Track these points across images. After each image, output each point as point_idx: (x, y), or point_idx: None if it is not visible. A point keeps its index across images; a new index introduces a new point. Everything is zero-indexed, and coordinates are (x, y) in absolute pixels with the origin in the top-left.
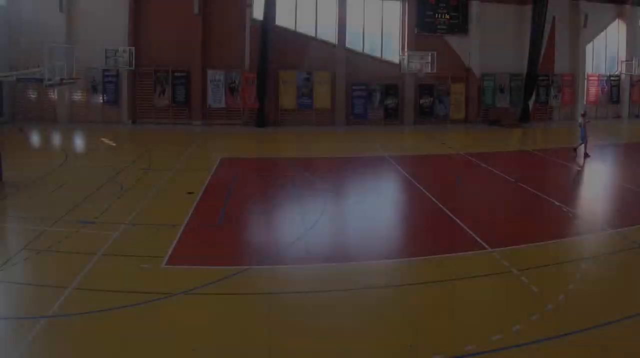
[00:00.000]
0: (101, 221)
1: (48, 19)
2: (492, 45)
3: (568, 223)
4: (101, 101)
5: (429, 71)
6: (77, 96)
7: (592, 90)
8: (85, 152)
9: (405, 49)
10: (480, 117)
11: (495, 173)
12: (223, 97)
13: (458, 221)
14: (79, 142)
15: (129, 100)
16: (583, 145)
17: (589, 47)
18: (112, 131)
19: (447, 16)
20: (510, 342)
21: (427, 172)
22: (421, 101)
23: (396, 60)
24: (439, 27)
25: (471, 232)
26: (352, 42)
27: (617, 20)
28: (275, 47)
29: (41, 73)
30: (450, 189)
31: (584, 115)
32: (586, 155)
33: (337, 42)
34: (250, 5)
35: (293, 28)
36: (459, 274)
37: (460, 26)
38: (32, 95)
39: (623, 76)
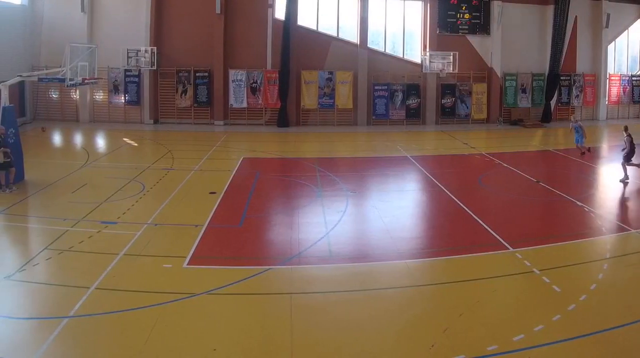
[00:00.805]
0: (123, 221)
1: (70, 19)
2: (513, 45)
3: (590, 223)
4: (123, 101)
5: (451, 71)
6: (99, 96)
7: (613, 90)
8: (107, 152)
9: (427, 49)
10: (502, 117)
11: (517, 173)
12: (245, 97)
13: (480, 221)
14: (100, 142)
15: (150, 100)
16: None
17: (610, 47)
18: (133, 131)
19: (469, 16)
20: (533, 342)
21: (448, 172)
22: (443, 101)
23: (418, 60)
24: (460, 27)
25: (493, 232)
26: (374, 41)
27: (639, 20)
28: (297, 47)
29: (63, 73)
30: (472, 189)
31: (575, 121)
32: (583, 154)
33: (358, 42)
34: (272, 5)
35: (315, 28)
36: (480, 274)
37: (482, 26)
38: (54, 95)
39: None
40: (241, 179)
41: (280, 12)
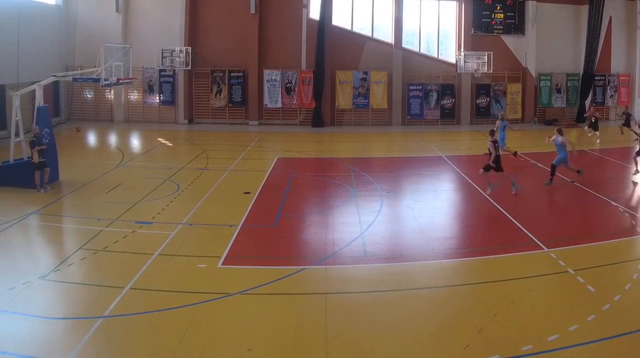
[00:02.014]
0: (158, 221)
1: (104, 19)
2: (548, 45)
3: (625, 223)
4: (157, 101)
5: (485, 71)
6: (134, 96)
7: None
8: (141, 152)
9: (462, 49)
10: (536, 117)
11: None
12: (279, 97)
13: (514, 221)
14: (135, 142)
15: (185, 100)
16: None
17: None
18: (168, 131)
19: (503, 16)
20: (567, 342)
21: (483, 172)
22: (477, 101)
23: (452, 60)
24: (495, 27)
25: (527, 232)
26: (409, 41)
27: None
28: (332, 47)
29: (98, 73)
30: (507, 189)
31: (502, 119)
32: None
33: (393, 42)
34: (307, 5)
35: (349, 28)
36: (515, 274)
37: (517, 26)
38: (88, 95)
39: None
40: (276, 178)
41: (315, 12)
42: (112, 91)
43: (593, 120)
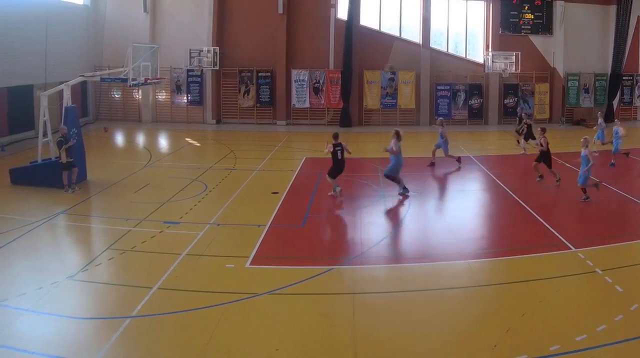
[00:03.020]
0: (185, 221)
1: (132, 20)
2: (576, 45)
3: None
4: (185, 101)
5: (513, 71)
6: (161, 96)
7: None
8: (169, 152)
9: (490, 49)
10: (564, 117)
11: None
12: (307, 97)
13: (542, 221)
14: (163, 142)
15: (213, 100)
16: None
17: None
18: (196, 131)
19: (531, 16)
20: (595, 342)
21: (511, 172)
22: (505, 101)
23: (480, 60)
24: (523, 27)
25: (555, 232)
26: (436, 41)
27: None
28: (359, 47)
29: (125, 73)
30: (535, 189)
31: (442, 123)
32: (432, 164)
33: (421, 42)
34: (335, 5)
35: (377, 28)
36: (543, 274)
37: (545, 26)
38: (116, 95)
39: None
40: (303, 179)
41: (342, 12)
42: (140, 91)
43: (525, 129)
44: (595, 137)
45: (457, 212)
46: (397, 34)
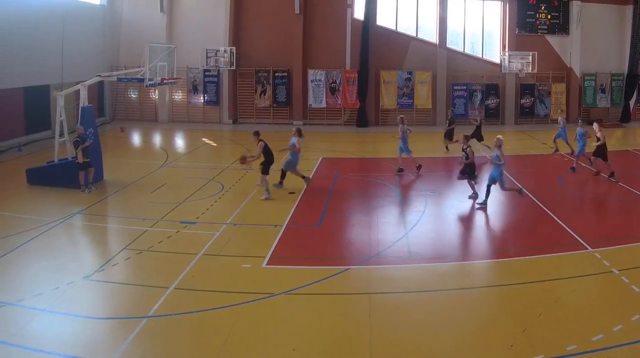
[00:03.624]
0: (202, 221)
1: (149, 19)
2: (592, 45)
3: None
4: (202, 101)
5: (530, 71)
6: (178, 96)
7: None
8: (186, 152)
9: (506, 49)
10: (581, 117)
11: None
12: (324, 97)
13: (559, 221)
14: (179, 142)
15: (229, 100)
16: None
17: None
18: (212, 131)
19: (548, 16)
20: (612, 342)
21: (527, 172)
22: (522, 101)
23: (497, 60)
24: (539, 27)
25: (572, 232)
26: (453, 41)
27: None
28: (376, 47)
29: (142, 73)
30: (551, 189)
31: (402, 122)
32: (400, 170)
33: (437, 42)
34: (351, 5)
35: (394, 28)
36: (559, 274)
37: (561, 26)
38: (132, 95)
39: None
40: (320, 178)
41: (359, 12)
42: (157, 91)
43: (449, 129)
44: (555, 135)
45: (473, 212)
46: (414, 34)
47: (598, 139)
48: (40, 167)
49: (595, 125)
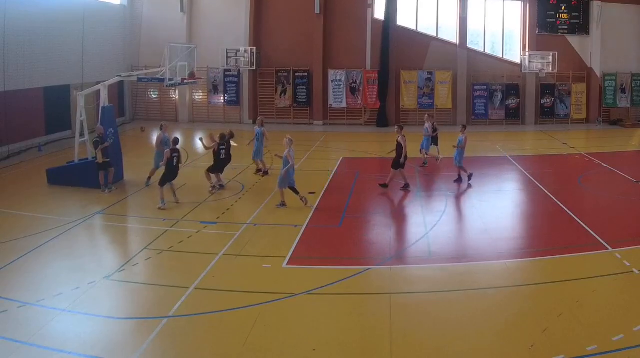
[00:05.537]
0: (222, 221)
1: (169, 20)
2: (613, 45)
3: None
4: (222, 101)
5: (550, 71)
6: (198, 96)
7: None
8: (206, 152)
9: (527, 49)
10: (601, 117)
11: (616, 173)
12: (344, 97)
13: (579, 221)
14: (199, 142)
15: (250, 100)
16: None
17: None
18: (233, 131)
19: (568, 16)
20: (633, 342)
21: (548, 172)
22: (542, 101)
23: (517, 60)
24: (560, 27)
25: (592, 232)
26: (473, 41)
27: None
28: (396, 47)
29: (162, 73)
30: (572, 189)
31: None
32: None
33: (458, 42)
34: (371, 5)
35: (414, 28)
36: (580, 274)
37: (582, 26)
38: (153, 95)
39: None
40: (340, 178)
41: (379, 12)
42: (177, 91)
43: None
44: (421, 146)
45: (493, 212)
46: (434, 34)
47: None
48: (61, 167)
49: None
